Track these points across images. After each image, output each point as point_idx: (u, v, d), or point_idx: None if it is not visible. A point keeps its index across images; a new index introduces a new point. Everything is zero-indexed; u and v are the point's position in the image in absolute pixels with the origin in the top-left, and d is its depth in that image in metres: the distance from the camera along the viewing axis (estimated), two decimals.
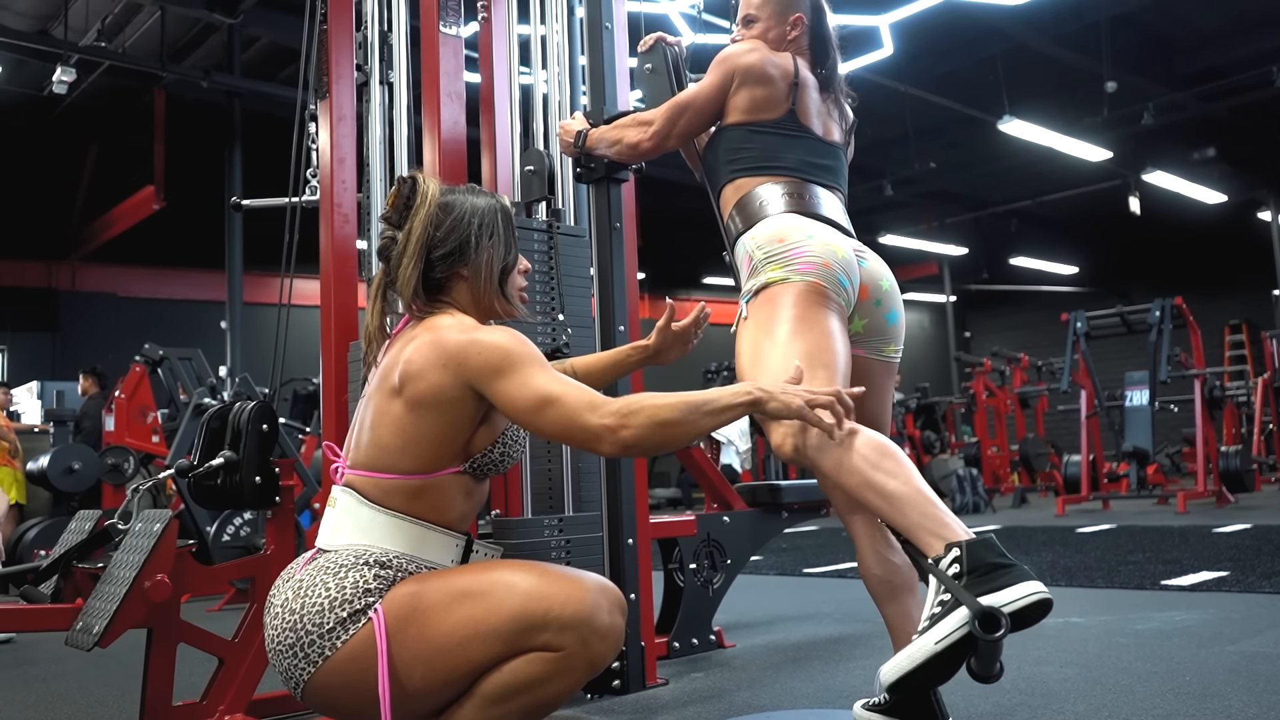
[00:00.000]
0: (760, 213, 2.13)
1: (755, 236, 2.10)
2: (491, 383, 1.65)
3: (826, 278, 1.99)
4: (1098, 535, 7.03)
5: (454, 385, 1.66)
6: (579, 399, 1.62)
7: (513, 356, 1.65)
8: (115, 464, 7.00)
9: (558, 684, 1.58)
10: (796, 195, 2.13)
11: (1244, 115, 14.61)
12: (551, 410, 1.61)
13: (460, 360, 1.66)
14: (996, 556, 1.60)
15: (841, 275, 2.02)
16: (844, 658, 3.17)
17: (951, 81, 12.94)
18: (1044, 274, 21.12)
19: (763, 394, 1.64)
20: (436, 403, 1.67)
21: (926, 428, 12.88)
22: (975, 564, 1.59)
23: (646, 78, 2.54)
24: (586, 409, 1.61)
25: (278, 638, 1.61)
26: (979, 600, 1.55)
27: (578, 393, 1.63)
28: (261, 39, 12.08)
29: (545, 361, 1.70)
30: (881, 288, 2.12)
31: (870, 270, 2.11)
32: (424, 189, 1.81)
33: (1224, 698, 2.40)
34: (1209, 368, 10.78)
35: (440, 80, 2.88)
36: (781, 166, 2.16)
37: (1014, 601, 1.55)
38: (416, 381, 1.67)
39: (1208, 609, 3.68)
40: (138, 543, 2.24)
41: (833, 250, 2.03)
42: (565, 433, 1.63)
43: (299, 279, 3.15)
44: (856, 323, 2.09)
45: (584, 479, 2.85)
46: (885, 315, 2.13)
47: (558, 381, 1.64)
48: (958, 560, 1.61)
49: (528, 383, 1.63)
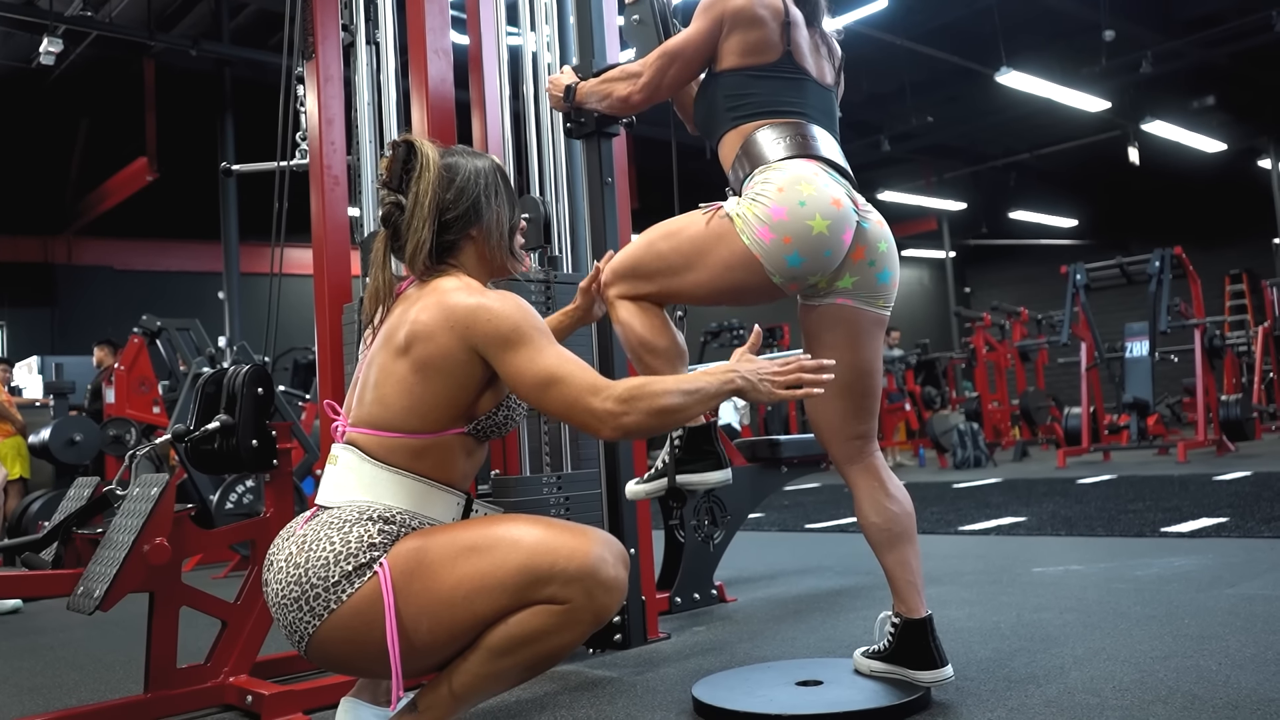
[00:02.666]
0: (770, 154, 2.05)
1: (764, 172, 2.03)
2: (499, 353, 1.67)
3: (771, 256, 1.96)
4: (1098, 486, 7.05)
5: (461, 349, 1.68)
6: (584, 381, 1.65)
7: (521, 329, 1.67)
8: (117, 435, 7.01)
9: (563, 636, 1.60)
10: (801, 137, 2.08)
11: (1243, 62, 14.46)
12: (556, 390, 1.65)
13: (469, 324, 1.67)
14: (707, 444, 2.11)
15: (814, 253, 1.97)
16: (845, 609, 3.19)
17: (948, 34, 12.80)
18: (1043, 227, 21.02)
19: (745, 383, 1.69)
20: (443, 365, 1.68)
21: (927, 383, 12.86)
22: (690, 445, 2.11)
23: (634, 30, 2.50)
24: (590, 392, 1.64)
25: (282, 592, 1.61)
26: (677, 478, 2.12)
27: (583, 374, 1.66)
28: (249, 5, 11.93)
29: (549, 333, 1.72)
30: (879, 249, 2.09)
31: (872, 232, 2.08)
32: (423, 152, 1.80)
33: (1222, 639, 2.41)
34: (1209, 317, 10.74)
35: (427, 36, 2.85)
36: (786, 110, 2.11)
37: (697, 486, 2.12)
38: (425, 343, 1.68)
39: (1207, 554, 3.70)
40: (136, 507, 2.25)
41: (816, 230, 1.96)
42: (568, 413, 1.66)
43: (295, 248, 3.14)
44: (846, 280, 2.07)
45: (582, 436, 2.86)
46: (877, 274, 2.10)
47: (565, 360, 1.67)
48: (680, 438, 2.12)
49: (535, 359, 1.66)
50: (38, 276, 14.43)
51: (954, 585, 3.41)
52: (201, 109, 12.76)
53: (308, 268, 3.12)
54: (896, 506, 2.14)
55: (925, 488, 8.03)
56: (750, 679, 2.26)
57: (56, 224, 14.53)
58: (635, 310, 2.11)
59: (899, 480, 2.20)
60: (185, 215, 14.45)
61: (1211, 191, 18.77)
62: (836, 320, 2.11)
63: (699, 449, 2.11)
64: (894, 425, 12.15)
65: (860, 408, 2.16)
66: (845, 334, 2.11)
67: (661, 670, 2.53)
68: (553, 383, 1.65)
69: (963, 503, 6.51)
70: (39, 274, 14.45)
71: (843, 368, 2.10)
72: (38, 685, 2.89)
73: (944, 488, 7.93)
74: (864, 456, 2.18)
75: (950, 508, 6.21)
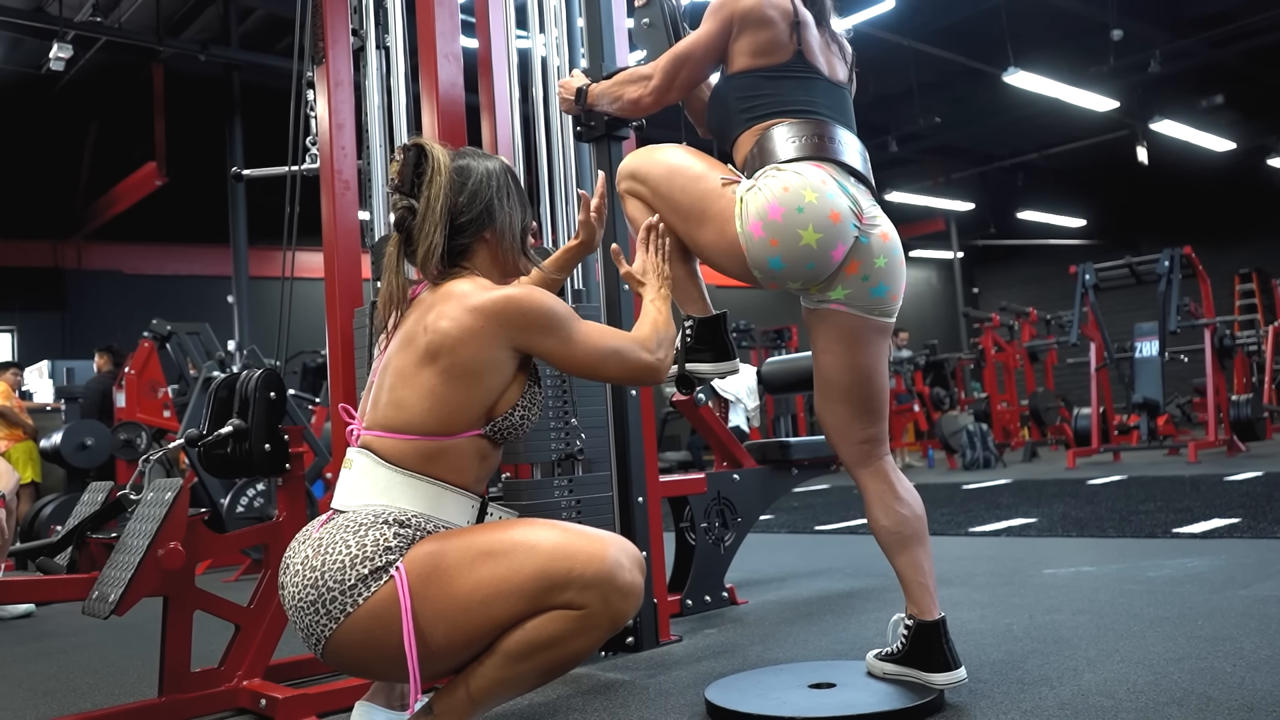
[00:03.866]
0: (783, 152, 2.04)
1: (780, 173, 2.01)
2: (541, 339, 1.74)
3: (755, 252, 1.98)
4: (1109, 486, 7.03)
5: (495, 346, 1.70)
6: (633, 343, 1.84)
7: (555, 312, 1.76)
8: (128, 439, 7.04)
9: (579, 642, 1.60)
10: (819, 136, 2.07)
11: (1253, 61, 14.41)
12: (616, 359, 1.81)
13: (504, 319, 1.71)
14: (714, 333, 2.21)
15: (795, 263, 1.99)
16: (856, 611, 3.18)
17: (955, 34, 12.77)
18: (1052, 227, 20.96)
19: (669, 293, 2.01)
20: (472, 367, 1.69)
21: (936, 384, 12.85)
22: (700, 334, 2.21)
23: (645, 33, 2.50)
24: (641, 349, 1.84)
25: (298, 595, 1.62)
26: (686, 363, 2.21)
27: (627, 339, 1.85)
28: (258, 10, 11.97)
29: (573, 310, 1.81)
30: (875, 265, 2.05)
31: (872, 247, 2.04)
32: (434, 155, 1.80)
33: (1236, 640, 2.40)
34: (1219, 317, 10.70)
35: (437, 41, 2.85)
36: (800, 109, 2.10)
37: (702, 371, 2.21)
38: (456, 348, 1.68)
39: (1220, 555, 3.69)
40: (150, 511, 2.26)
41: (806, 243, 1.96)
42: (630, 374, 1.85)
43: (305, 252, 3.15)
44: (838, 290, 2.06)
45: (592, 439, 2.86)
46: (871, 289, 2.06)
47: (603, 330, 1.85)
48: (690, 328, 2.21)
49: (579, 337, 1.78)
50: (47, 281, 14.48)
51: (965, 587, 3.40)
52: (210, 113, 12.80)
53: (317, 271, 3.13)
54: (906, 509, 2.14)
55: (935, 489, 8.02)
56: (763, 682, 2.26)
57: (66, 228, 14.58)
58: (643, 209, 2.19)
59: (909, 482, 2.19)
60: (194, 219, 14.48)
61: (1221, 191, 18.69)
62: (833, 324, 2.11)
63: (708, 339, 2.20)
64: (902, 426, 12.13)
65: (865, 411, 2.16)
66: (842, 338, 2.11)
67: (674, 673, 2.53)
68: (613, 354, 1.81)
69: (973, 504, 6.49)
70: (49, 278, 14.50)
71: (842, 371, 2.11)
72: (52, 689, 2.91)
73: (953, 489, 7.92)
74: (873, 459, 2.18)
75: (960, 509, 6.19)
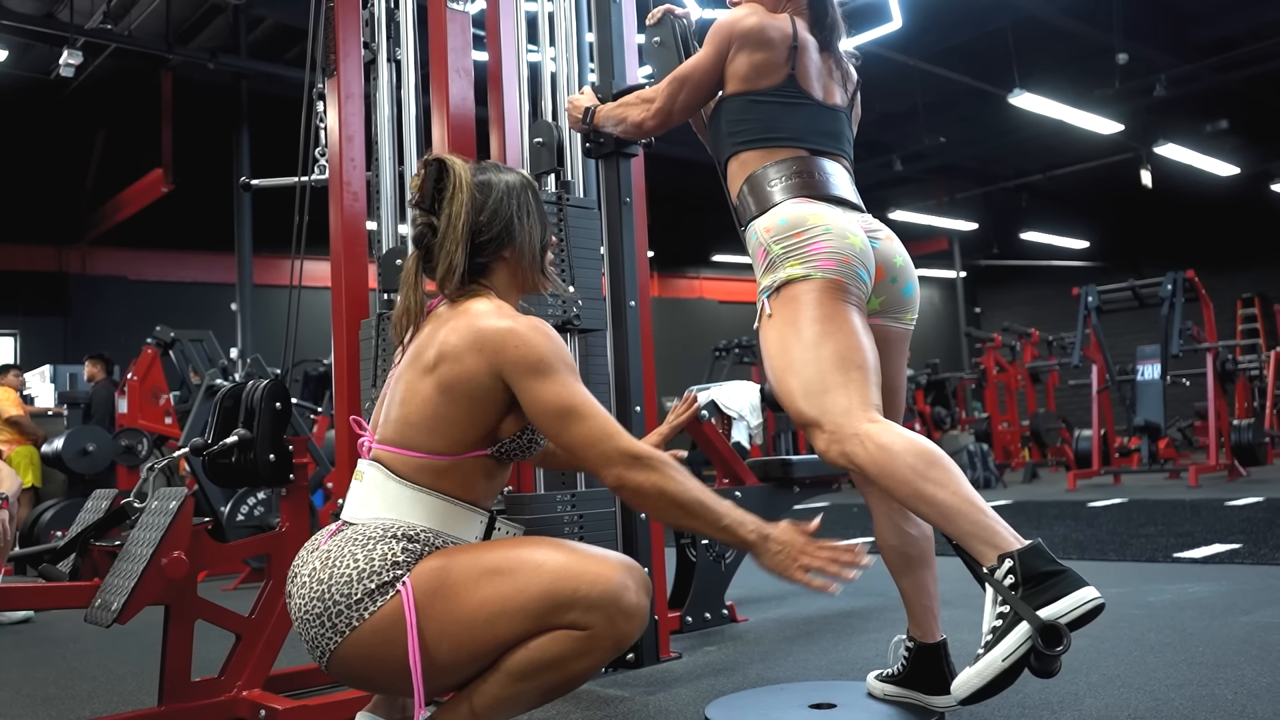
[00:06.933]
0: (771, 197, 2.06)
1: (770, 228, 2.02)
2: (524, 380, 1.66)
3: (846, 273, 1.96)
4: (1109, 509, 7.02)
5: (486, 373, 1.67)
6: (606, 423, 1.66)
7: (549, 359, 1.67)
8: (129, 445, 7.04)
9: (583, 662, 1.59)
10: (806, 174, 2.07)
11: (1257, 86, 14.45)
12: (578, 425, 1.64)
13: (497, 349, 1.67)
14: (1048, 564, 1.66)
15: (860, 269, 1.98)
16: (857, 631, 3.18)
17: (961, 54, 12.82)
18: (1055, 248, 20.99)
19: (758, 540, 1.63)
20: (467, 388, 1.68)
21: (937, 403, 12.86)
22: (1029, 573, 1.65)
23: (656, 52, 2.52)
24: (609, 436, 1.64)
25: (305, 606, 1.62)
26: (1039, 614, 1.62)
27: (606, 418, 1.67)
28: (267, 19, 12.04)
29: (576, 369, 1.72)
30: (895, 264, 2.09)
31: (883, 249, 2.07)
32: (455, 172, 1.79)
33: (1237, 667, 2.40)
34: (1221, 341, 10.71)
35: (449, 56, 2.87)
36: (785, 138, 2.11)
37: (1071, 611, 1.62)
38: (452, 364, 1.68)
39: (1221, 581, 3.68)
40: (154, 520, 2.26)
41: (850, 243, 1.98)
42: (582, 449, 1.65)
43: (310, 260, 3.15)
44: (874, 301, 2.07)
45: None
46: (901, 290, 2.11)
47: (590, 400, 1.67)
48: (1012, 571, 1.66)
49: (560, 391, 1.65)
50: (52, 286, 14.51)
51: (965, 609, 3.39)
52: (218, 121, 12.85)
53: (321, 280, 3.14)
54: (915, 530, 2.14)
55: None
56: (763, 701, 2.26)
57: (71, 234, 14.62)
58: (889, 431, 1.83)
59: None
60: (199, 227, 14.53)
61: (1224, 215, 18.72)
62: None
63: (1036, 572, 1.68)
64: None
65: None
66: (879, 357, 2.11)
67: (674, 690, 2.53)
68: (575, 418, 1.64)
69: None
70: (53, 283, 14.53)
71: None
72: (51, 696, 2.90)
73: None
74: None
75: None
